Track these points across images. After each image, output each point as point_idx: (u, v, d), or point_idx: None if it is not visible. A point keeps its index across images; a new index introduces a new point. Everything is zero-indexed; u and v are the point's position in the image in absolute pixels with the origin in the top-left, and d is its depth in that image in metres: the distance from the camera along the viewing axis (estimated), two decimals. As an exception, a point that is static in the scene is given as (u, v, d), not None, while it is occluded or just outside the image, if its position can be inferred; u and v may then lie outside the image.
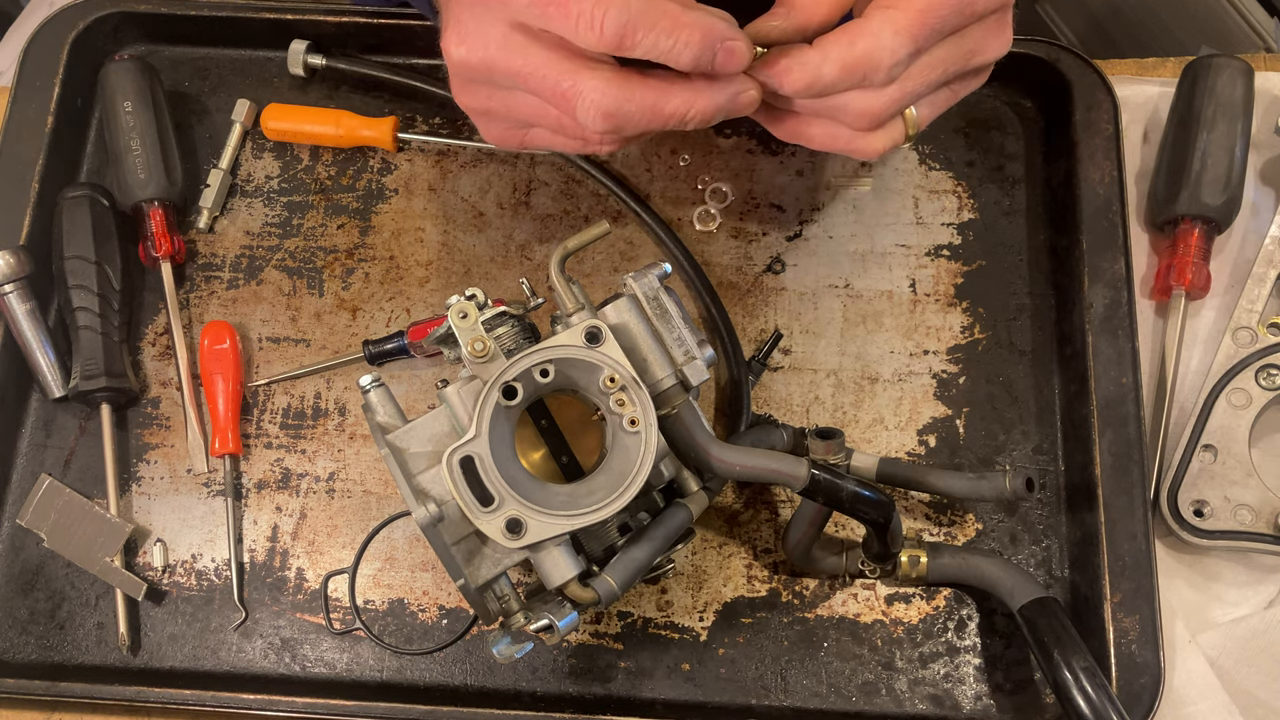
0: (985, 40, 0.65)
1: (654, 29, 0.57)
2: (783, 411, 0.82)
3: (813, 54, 0.61)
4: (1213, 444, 0.78)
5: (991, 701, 0.75)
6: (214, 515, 0.81)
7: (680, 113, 0.61)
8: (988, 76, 0.69)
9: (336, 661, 0.77)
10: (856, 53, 0.60)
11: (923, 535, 0.79)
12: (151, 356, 0.85)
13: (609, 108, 0.60)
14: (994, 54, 0.66)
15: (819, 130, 0.67)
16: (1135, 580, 0.74)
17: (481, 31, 0.61)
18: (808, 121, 0.67)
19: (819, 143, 0.67)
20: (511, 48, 0.61)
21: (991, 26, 0.65)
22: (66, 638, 0.78)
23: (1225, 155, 0.82)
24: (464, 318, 0.64)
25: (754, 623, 0.77)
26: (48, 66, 0.88)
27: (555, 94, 0.61)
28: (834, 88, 0.62)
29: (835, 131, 0.66)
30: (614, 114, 0.60)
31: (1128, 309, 0.80)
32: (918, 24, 0.60)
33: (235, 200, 0.89)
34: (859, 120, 0.64)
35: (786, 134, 0.68)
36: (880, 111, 0.63)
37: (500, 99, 0.65)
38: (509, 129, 0.68)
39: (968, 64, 0.65)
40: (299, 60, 0.89)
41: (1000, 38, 0.66)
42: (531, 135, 0.68)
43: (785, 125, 0.68)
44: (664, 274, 0.68)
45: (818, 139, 0.67)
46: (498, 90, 0.65)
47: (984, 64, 0.66)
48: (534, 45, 0.60)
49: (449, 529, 0.64)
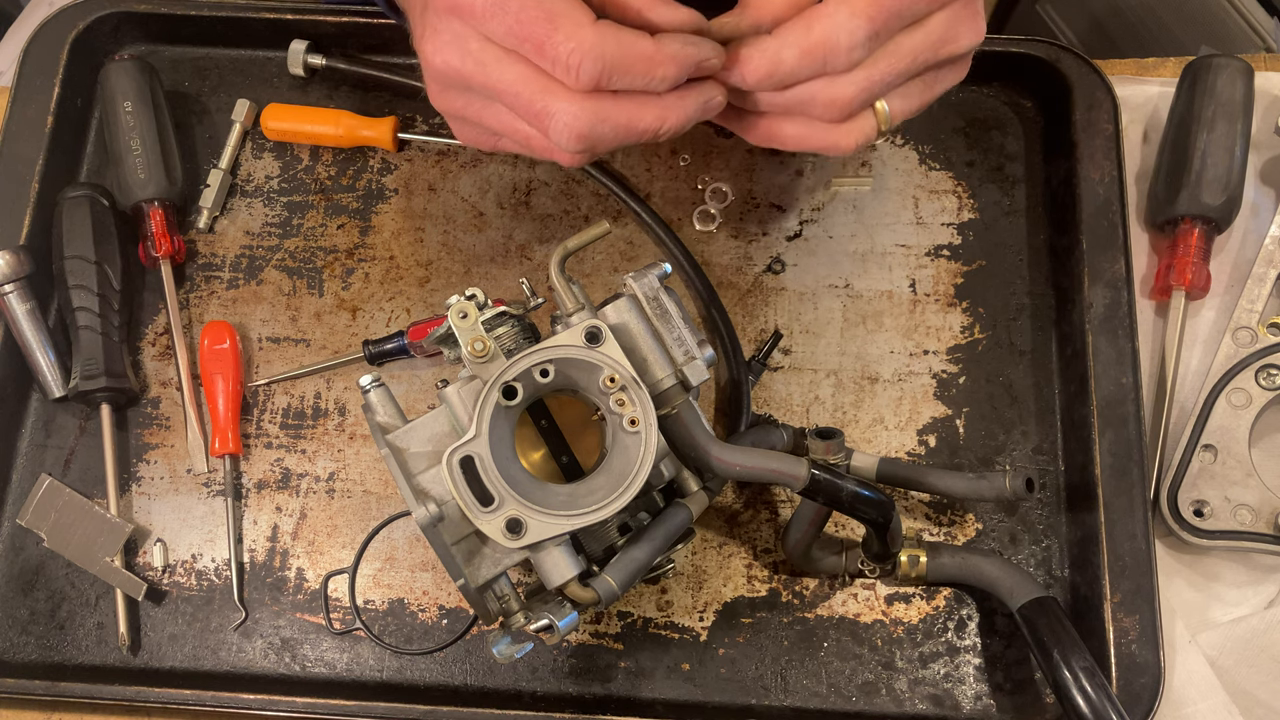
0: (954, 29, 0.64)
1: (629, 72, 0.59)
2: (783, 411, 0.82)
3: (771, 41, 0.62)
4: (1213, 444, 0.78)
5: (991, 701, 0.75)
6: (214, 515, 0.81)
7: (653, 128, 0.62)
8: (966, 70, 0.68)
9: (336, 661, 0.77)
10: (814, 36, 0.60)
11: (923, 535, 0.79)
12: (151, 356, 0.85)
13: (582, 130, 0.60)
14: (966, 44, 0.65)
15: (790, 129, 0.66)
16: (1135, 580, 0.74)
17: (458, 42, 0.62)
18: (778, 121, 0.67)
19: (792, 142, 0.67)
20: (486, 62, 0.61)
21: (960, 13, 0.64)
22: (66, 638, 0.78)
23: (1225, 155, 0.82)
24: (464, 318, 0.65)
25: (754, 623, 0.77)
26: (48, 66, 0.88)
27: (529, 112, 0.61)
28: (795, 74, 0.62)
29: (806, 129, 0.66)
30: (587, 135, 0.60)
31: (1128, 309, 0.80)
32: (874, 6, 0.60)
33: (235, 200, 0.89)
34: (828, 111, 0.64)
35: (759, 137, 0.68)
36: (848, 101, 0.63)
37: (475, 108, 0.65)
38: (481, 134, 0.68)
39: (938, 54, 0.64)
40: (299, 60, 0.89)
41: (971, 25, 0.65)
42: (503, 143, 0.68)
43: (757, 128, 0.68)
44: (664, 274, 0.68)
45: (790, 138, 0.67)
46: (474, 99, 0.65)
47: (956, 54, 0.66)
48: (508, 61, 0.61)
49: (449, 529, 0.64)
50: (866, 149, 0.69)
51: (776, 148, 0.68)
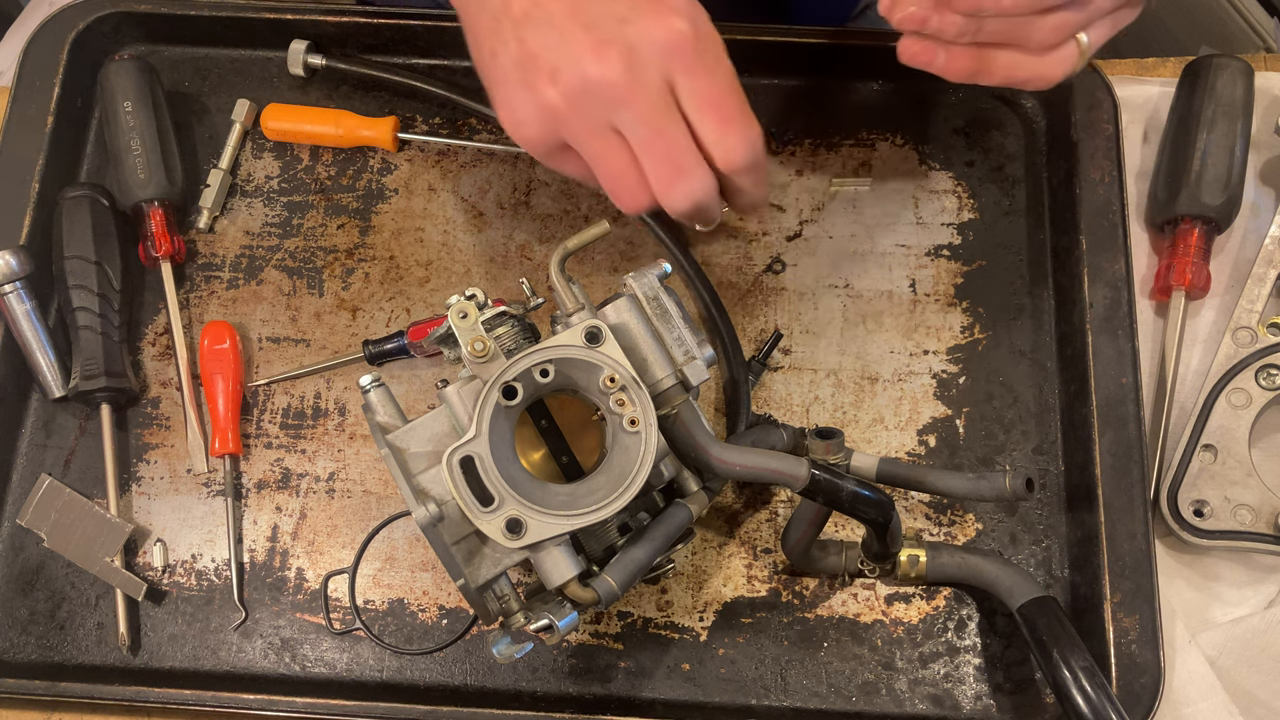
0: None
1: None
2: (783, 411, 0.82)
3: None
4: (1213, 444, 0.78)
5: (991, 701, 0.75)
6: (214, 515, 0.81)
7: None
8: (1140, 9, 0.71)
9: (336, 661, 0.77)
10: None
11: (923, 535, 0.79)
12: (151, 356, 0.85)
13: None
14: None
15: (1002, 60, 0.68)
16: (1135, 580, 0.74)
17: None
18: (990, 54, 0.68)
19: (1000, 74, 0.68)
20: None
21: None
22: (66, 638, 0.78)
23: (1225, 155, 0.82)
24: (464, 318, 0.65)
25: (754, 623, 0.77)
26: (48, 66, 0.88)
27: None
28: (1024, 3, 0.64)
29: (1017, 59, 0.67)
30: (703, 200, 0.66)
31: (1128, 309, 0.80)
32: None
33: (235, 200, 0.89)
34: (1048, 37, 0.66)
35: (963, 71, 0.69)
36: (1069, 26, 0.66)
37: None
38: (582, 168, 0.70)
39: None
40: (299, 60, 0.89)
41: None
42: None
43: (962, 62, 0.68)
44: (664, 274, 0.68)
45: (1000, 70, 0.68)
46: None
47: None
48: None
49: (449, 529, 0.64)
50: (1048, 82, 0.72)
51: (978, 82, 0.69)
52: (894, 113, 0.89)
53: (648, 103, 0.62)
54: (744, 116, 0.64)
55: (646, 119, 0.62)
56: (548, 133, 0.65)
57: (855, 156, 0.88)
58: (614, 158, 0.65)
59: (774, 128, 0.88)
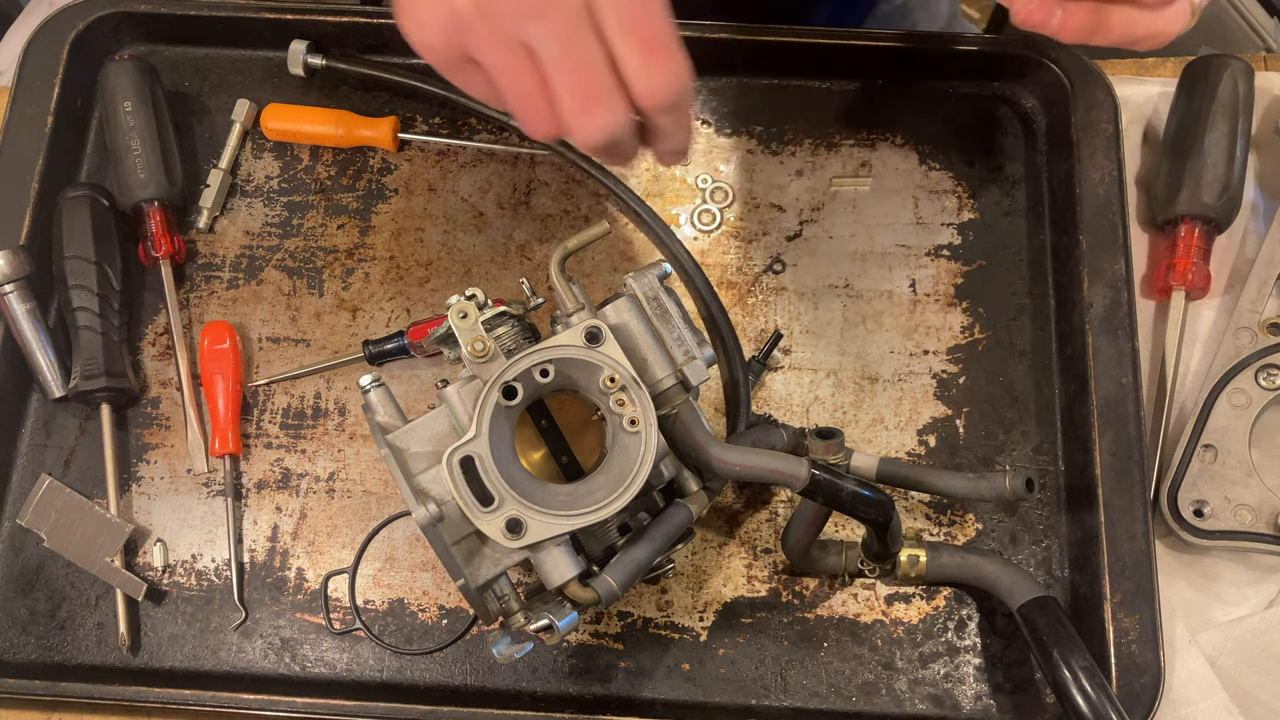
0: None
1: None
2: (783, 411, 0.82)
3: None
4: (1213, 444, 0.78)
5: (991, 701, 0.75)
6: (214, 515, 0.81)
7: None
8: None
9: (336, 661, 0.77)
10: None
11: (923, 535, 0.79)
12: (151, 356, 0.85)
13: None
14: None
15: (1118, 17, 0.67)
16: (1135, 580, 0.74)
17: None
18: (1106, 11, 0.67)
19: (1117, 32, 0.67)
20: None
21: None
22: (66, 638, 0.78)
23: (1225, 155, 0.82)
24: (464, 318, 0.65)
25: (754, 623, 0.77)
26: (48, 66, 0.88)
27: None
28: None
29: (1134, 16, 0.67)
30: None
31: (1128, 309, 0.80)
32: None
33: (235, 200, 0.89)
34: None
35: (1080, 29, 0.67)
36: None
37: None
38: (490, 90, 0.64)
39: None
40: (299, 60, 0.89)
41: None
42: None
43: (1078, 19, 0.67)
44: (664, 274, 0.68)
45: (1116, 28, 0.67)
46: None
47: None
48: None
49: (449, 529, 0.64)
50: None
51: (1093, 41, 0.68)
52: (894, 113, 0.89)
53: (562, 16, 0.56)
54: (670, 47, 0.58)
55: (559, 34, 0.56)
56: (450, 42, 0.59)
57: (855, 156, 0.88)
58: (521, 76, 0.58)
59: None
